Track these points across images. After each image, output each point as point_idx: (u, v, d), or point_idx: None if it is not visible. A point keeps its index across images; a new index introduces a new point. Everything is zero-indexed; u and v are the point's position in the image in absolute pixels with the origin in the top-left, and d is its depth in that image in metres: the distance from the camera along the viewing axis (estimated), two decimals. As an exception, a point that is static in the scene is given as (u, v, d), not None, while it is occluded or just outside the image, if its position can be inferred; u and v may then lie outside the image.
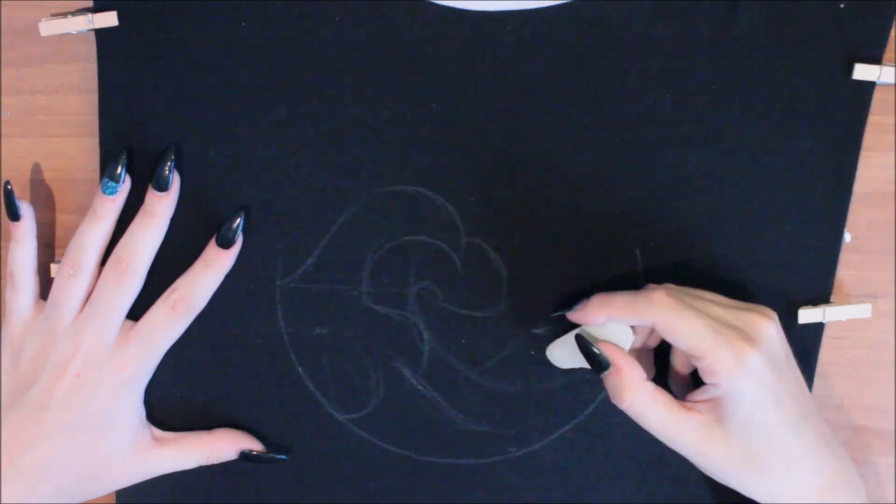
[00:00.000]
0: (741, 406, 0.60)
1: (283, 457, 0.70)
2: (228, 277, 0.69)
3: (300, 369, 0.70)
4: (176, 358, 0.70)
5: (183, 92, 0.67)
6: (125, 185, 0.67)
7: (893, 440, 0.72)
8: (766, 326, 0.60)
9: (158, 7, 0.66)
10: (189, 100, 0.67)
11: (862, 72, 0.65)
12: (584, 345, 0.63)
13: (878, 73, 0.65)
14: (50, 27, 0.67)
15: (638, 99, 0.66)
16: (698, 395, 0.62)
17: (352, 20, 0.66)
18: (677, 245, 0.67)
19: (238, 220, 0.67)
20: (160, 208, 0.66)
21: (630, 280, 0.68)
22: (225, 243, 0.67)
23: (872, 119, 0.67)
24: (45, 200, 0.71)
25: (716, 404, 0.61)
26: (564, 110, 0.66)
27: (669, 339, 0.60)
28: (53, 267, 0.69)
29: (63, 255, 0.68)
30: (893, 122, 0.68)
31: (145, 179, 0.67)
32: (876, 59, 0.65)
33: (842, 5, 0.65)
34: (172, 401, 0.71)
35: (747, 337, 0.59)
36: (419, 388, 0.69)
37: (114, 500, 0.72)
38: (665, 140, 0.66)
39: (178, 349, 0.69)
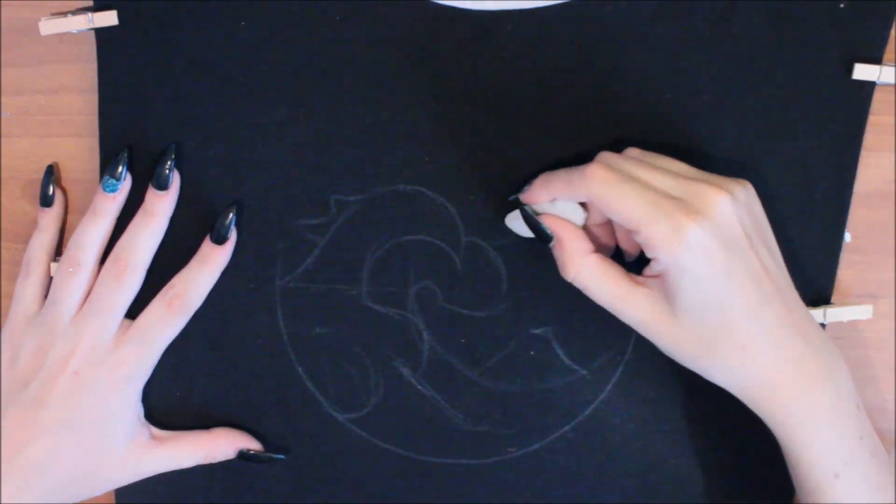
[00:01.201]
0: (684, 283, 0.57)
1: (281, 456, 0.70)
2: (228, 277, 0.69)
3: (300, 369, 0.70)
4: (176, 358, 0.70)
5: (183, 91, 0.67)
6: (126, 184, 0.67)
7: (893, 440, 0.72)
8: (717, 199, 0.57)
9: (159, 6, 0.66)
10: (189, 99, 0.67)
11: (862, 72, 0.65)
12: (528, 219, 0.62)
13: (878, 73, 0.65)
14: (50, 26, 0.67)
15: (638, 99, 0.66)
16: (647, 270, 0.60)
17: (352, 20, 0.66)
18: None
19: (230, 215, 0.67)
20: (160, 207, 0.67)
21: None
22: (219, 239, 0.67)
23: (872, 119, 0.67)
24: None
25: (663, 280, 0.59)
26: (564, 110, 0.66)
27: (606, 214, 0.59)
28: (53, 266, 0.69)
29: (62, 256, 0.68)
30: (893, 122, 0.68)
31: (145, 179, 0.67)
32: (876, 59, 0.65)
33: (842, 5, 0.65)
34: (172, 401, 0.71)
35: (690, 209, 0.57)
36: (419, 387, 0.69)
37: (113, 500, 0.72)
38: (665, 140, 0.66)
39: (178, 349, 0.69)
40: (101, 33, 0.67)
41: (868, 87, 0.66)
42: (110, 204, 0.67)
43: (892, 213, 0.69)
